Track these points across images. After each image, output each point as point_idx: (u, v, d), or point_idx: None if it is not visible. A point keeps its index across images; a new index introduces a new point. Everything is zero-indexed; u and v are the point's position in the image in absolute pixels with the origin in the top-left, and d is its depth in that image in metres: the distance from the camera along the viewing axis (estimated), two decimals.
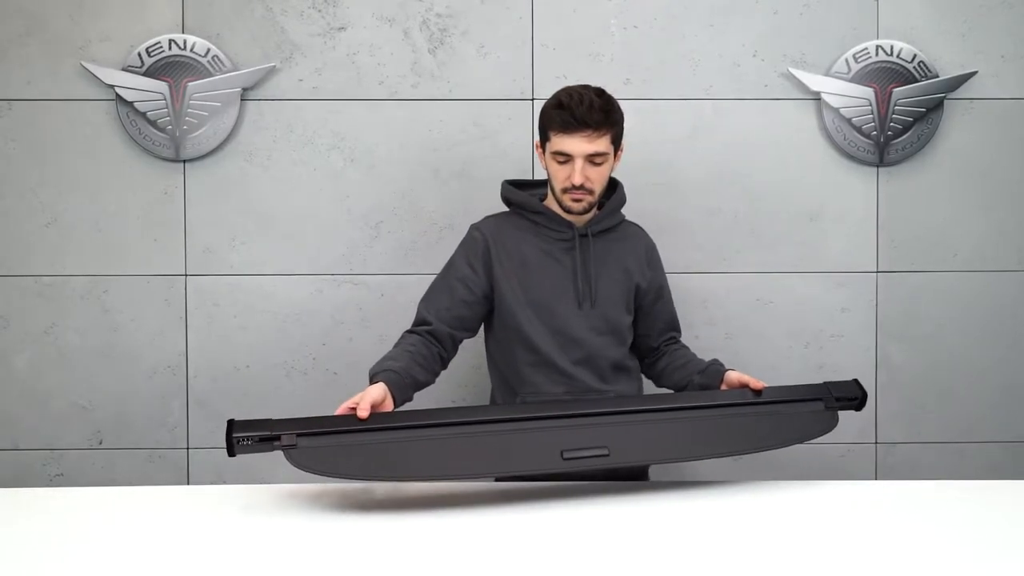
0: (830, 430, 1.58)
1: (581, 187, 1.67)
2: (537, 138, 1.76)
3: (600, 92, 1.69)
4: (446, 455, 1.38)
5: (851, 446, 2.29)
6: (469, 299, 1.73)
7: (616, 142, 1.71)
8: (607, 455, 1.42)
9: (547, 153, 1.71)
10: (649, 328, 1.86)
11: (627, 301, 1.79)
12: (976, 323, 2.29)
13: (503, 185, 1.85)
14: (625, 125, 2.22)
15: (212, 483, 2.26)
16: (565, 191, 1.69)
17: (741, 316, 2.28)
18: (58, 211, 2.23)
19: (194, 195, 2.24)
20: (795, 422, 1.56)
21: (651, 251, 1.87)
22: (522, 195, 1.80)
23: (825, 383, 1.62)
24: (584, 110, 1.63)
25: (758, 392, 1.59)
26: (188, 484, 2.25)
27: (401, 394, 1.54)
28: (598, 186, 1.70)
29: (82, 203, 2.23)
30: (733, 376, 1.66)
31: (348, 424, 1.39)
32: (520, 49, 2.25)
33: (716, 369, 1.73)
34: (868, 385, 2.28)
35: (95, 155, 2.23)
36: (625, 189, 1.86)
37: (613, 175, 1.86)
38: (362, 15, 2.24)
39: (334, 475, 1.35)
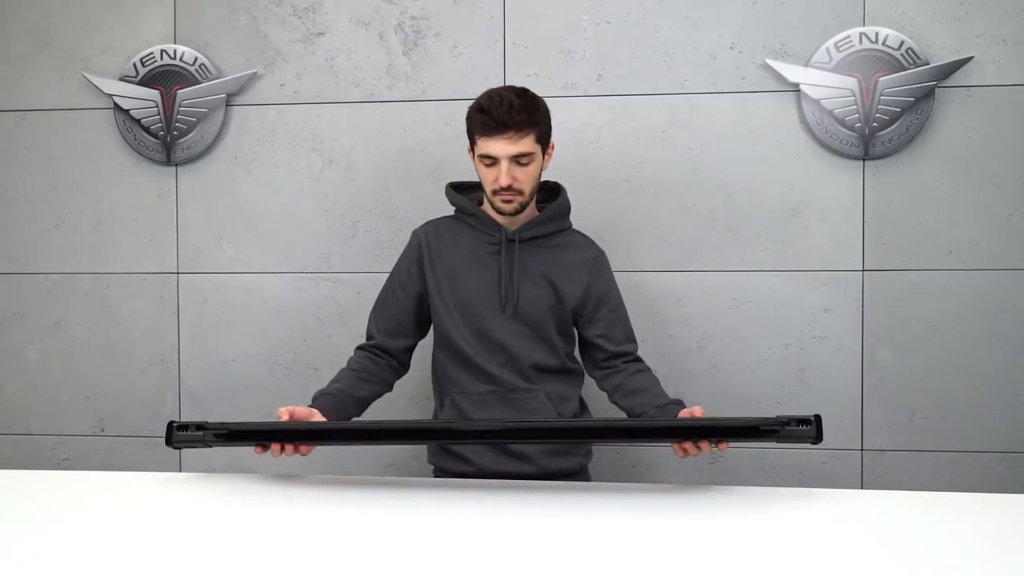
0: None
1: (509, 188, 1.67)
2: (467, 142, 1.76)
3: (522, 92, 1.67)
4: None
5: (835, 453, 2.19)
6: (407, 304, 1.80)
7: (542, 141, 1.69)
8: None
9: (475, 157, 1.71)
10: (597, 336, 1.79)
11: (555, 308, 1.75)
12: (972, 325, 2.14)
13: (446, 187, 1.87)
14: (598, 122, 2.24)
15: (203, 471, 2.37)
16: (495, 193, 1.69)
17: (718, 316, 2.22)
18: (65, 213, 2.40)
19: (185, 197, 2.36)
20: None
21: (594, 262, 1.80)
22: (459, 198, 1.82)
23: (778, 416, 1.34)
24: (504, 112, 1.62)
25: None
26: (180, 471, 2.38)
27: (338, 415, 1.63)
28: (527, 186, 1.69)
29: (85, 205, 2.39)
30: (683, 413, 1.54)
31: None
32: (492, 48, 2.26)
33: (672, 408, 1.60)
34: (854, 389, 2.19)
35: (96, 160, 2.38)
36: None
37: (558, 180, 1.85)
38: (339, 20, 2.30)
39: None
